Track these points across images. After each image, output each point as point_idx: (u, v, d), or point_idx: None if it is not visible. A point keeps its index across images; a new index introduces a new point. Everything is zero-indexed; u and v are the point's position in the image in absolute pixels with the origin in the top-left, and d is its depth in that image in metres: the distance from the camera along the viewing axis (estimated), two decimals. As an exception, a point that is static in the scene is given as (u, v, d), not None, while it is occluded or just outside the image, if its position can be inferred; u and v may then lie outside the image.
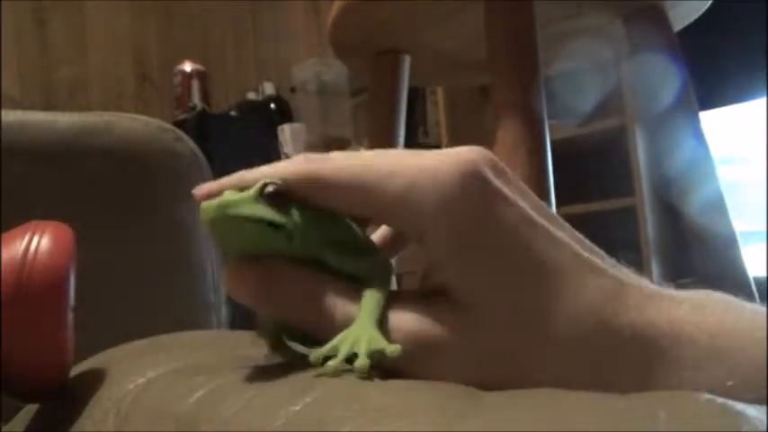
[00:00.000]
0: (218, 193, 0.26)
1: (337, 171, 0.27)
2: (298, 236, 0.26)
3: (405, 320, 0.25)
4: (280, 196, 0.26)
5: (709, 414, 0.18)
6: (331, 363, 0.24)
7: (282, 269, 0.27)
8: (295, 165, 0.28)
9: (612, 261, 0.27)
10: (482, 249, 0.25)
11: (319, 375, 0.24)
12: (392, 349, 0.24)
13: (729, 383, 0.23)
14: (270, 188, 0.26)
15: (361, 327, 0.25)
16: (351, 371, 0.24)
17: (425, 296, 0.27)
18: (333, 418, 0.22)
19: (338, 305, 0.26)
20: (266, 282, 0.26)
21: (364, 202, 0.26)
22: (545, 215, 0.26)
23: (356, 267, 0.27)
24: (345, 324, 0.25)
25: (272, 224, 0.26)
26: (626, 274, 0.26)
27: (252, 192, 0.26)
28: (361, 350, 0.24)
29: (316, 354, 0.25)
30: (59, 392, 0.36)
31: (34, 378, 0.34)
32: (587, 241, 0.27)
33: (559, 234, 0.26)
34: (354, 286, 0.26)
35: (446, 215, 0.25)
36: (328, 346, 0.25)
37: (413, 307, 0.26)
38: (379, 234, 0.32)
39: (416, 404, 0.22)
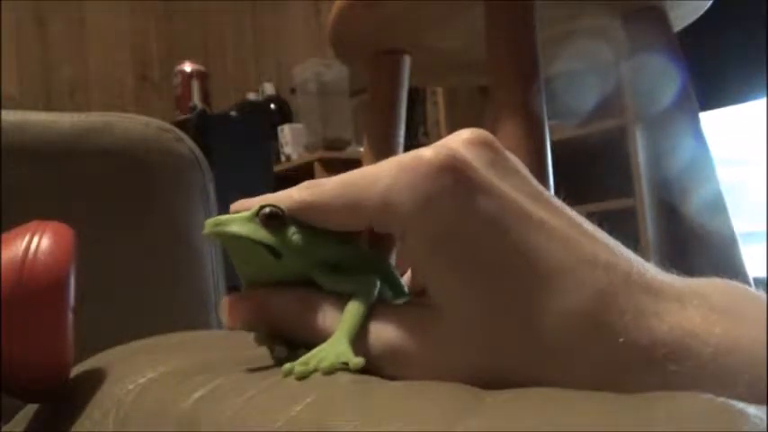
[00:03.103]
0: None
1: (326, 193, 0.27)
2: (286, 256, 0.28)
3: (383, 331, 0.26)
4: (276, 219, 0.28)
5: (709, 414, 0.18)
6: (296, 370, 0.25)
7: (273, 296, 0.28)
8: (293, 194, 0.28)
9: (616, 243, 0.25)
10: (459, 247, 0.24)
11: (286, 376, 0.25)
12: (355, 362, 0.25)
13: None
14: (266, 210, 0.28)
15: (333, 342, 0.26)
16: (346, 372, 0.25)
17: (409, 305, 0.28)
18: (333, 418, 0.22)
19: (327, 323, 0.27)
20: (258, 312, 0.28)
21: (352, 216, 0.27)
22: (543, 201, 0.25)
23: (343, 286, 0.28)
24: None
25: (258, 243, 0.28)
26: (629, 260, 0.24)
27: (248, 213, 0.28)
28: (324, 365, 0.25)
29: (286, 367, 0.26)
30: (59, 392, 0.36)
31: (34, 378, 0.34)
32: (588, 224, 0.26)
33: (555, 223, 0.25)
34: (342, 303, 0.27)
35: (423, 213, 0.24)
36: (300, 359, 0.26)
37: (392, 317, 0.26)
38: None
39: (416, 404, 0.22)
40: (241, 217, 0.28)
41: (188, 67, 3.24)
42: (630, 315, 0.23)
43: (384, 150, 0.98)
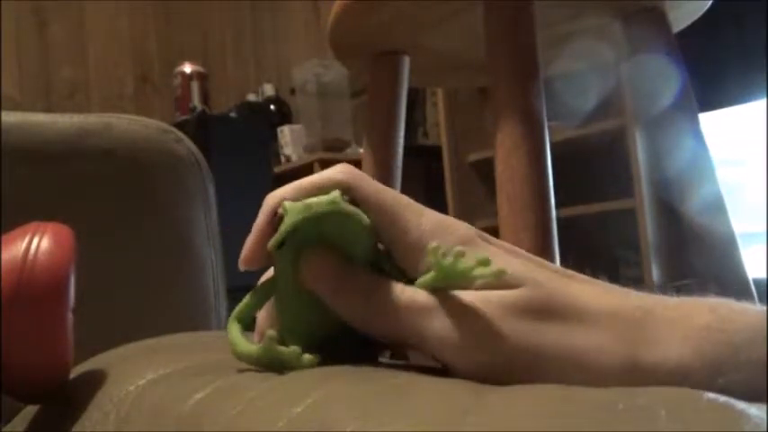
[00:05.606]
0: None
1: (375, 189, 0.30)
2: (368, 231, 0.29)
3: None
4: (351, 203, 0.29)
5: (710, 412, 0.18)
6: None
7: (353, 265, 0.29)
8: (341, 171, 0.30)
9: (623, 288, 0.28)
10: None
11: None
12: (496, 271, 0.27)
13: None
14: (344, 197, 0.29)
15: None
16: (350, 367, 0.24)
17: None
18: (334, 418, 0.22)
19: (397, 299, 0.28)
20: (340, 276, 0.29)
21: (390, 225, 0.29)
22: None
23: (402, 275, 0.30)
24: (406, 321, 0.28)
25: (358, 220, 0.28)
26: (640, 297, 0.28)
27: (336, 196, 0.28)
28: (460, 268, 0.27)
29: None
30: (59, 393, 0.36)
31: (34, 379, 0.34)
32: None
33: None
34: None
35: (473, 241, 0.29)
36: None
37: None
38: None
39: (418, 403, 0.22)
40: (339, 198, 0.28)
41: (188, 68, 3.24)
42: (646, 346, 0.26)
43: (384, 151, 0.98)
